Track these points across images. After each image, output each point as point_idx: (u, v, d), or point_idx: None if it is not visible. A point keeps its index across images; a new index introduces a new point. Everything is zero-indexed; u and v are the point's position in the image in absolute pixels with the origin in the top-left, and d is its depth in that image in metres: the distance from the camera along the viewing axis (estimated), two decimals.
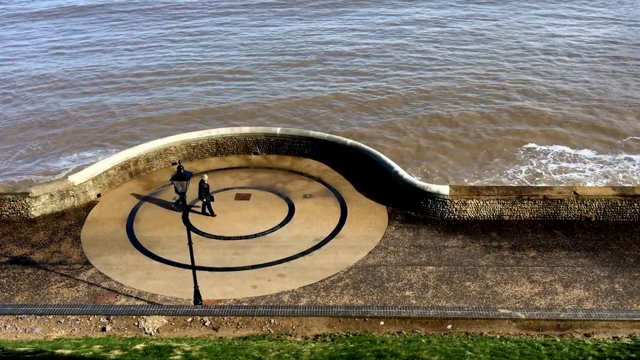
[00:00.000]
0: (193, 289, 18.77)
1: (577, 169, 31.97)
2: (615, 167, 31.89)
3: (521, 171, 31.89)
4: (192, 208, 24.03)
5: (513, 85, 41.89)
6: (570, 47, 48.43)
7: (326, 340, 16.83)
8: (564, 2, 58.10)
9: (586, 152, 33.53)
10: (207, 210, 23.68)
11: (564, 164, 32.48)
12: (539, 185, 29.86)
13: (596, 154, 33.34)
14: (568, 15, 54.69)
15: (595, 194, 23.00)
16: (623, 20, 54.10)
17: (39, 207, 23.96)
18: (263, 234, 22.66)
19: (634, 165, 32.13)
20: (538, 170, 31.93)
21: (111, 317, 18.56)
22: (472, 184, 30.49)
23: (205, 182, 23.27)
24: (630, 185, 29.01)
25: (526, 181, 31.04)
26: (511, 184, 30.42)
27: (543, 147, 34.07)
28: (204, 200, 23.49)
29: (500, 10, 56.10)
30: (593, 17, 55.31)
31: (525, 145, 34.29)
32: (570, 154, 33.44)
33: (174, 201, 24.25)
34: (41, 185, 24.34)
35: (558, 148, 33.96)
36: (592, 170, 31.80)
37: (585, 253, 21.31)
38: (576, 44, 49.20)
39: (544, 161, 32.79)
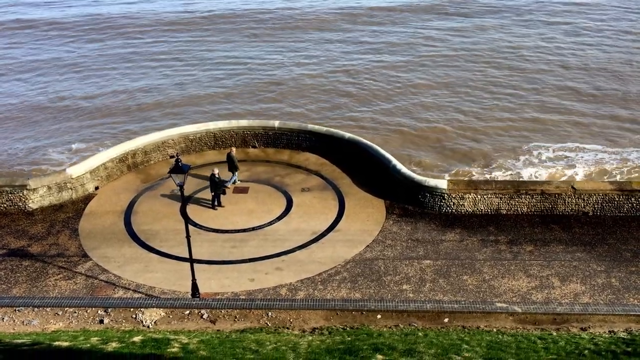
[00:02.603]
0: (191, 282, 18.80)
1: (578, 163, 31.92)
2: (617, 162, 31.84)
3: (520, 166, 31.81)
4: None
5: (519, 81, 41.75)
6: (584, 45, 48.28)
7: (323, 334, 16.88)
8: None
9: (591, 147, 33.43)
10: (216, 203, 23.75)
11: (566, 160, 32.41)
12: (537, 179, 29.85)
13: (601, 148, 33.25)
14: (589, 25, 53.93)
15: (592, 189, 23.03)
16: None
17: (37, 199, 23.93)
18: (261, 227, 22.67)
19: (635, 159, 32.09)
20: (537, 164, 31.87)
21: (109, 310, 18.60)
22: (470, 178, 30.47)
23: (217, 175, 23.26)
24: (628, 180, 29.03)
25: (513, 176, 31.02)
26: (509, 178, 30.40)
27: (547, 143, 33.91)
28: (215, 193, 23.56)
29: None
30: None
31: (529, 143, 34.05)
32: (572, 148, 33.36)
33: (223, 182, 24.64)
34: (39, 178, 24.31)
35: (562, 144, 33.84)
36: (594, 165, 31.72)
37: (582, 247, 21.37)
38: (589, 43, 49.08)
39: (545, 155, 32.71)
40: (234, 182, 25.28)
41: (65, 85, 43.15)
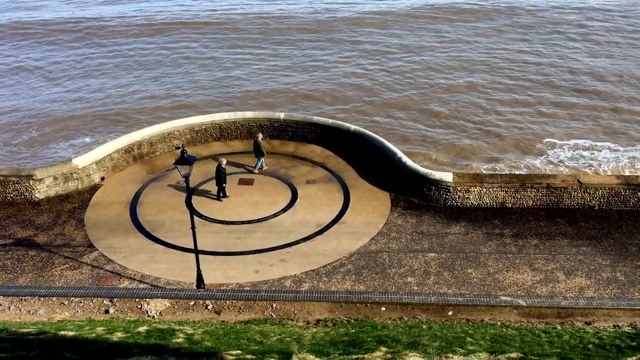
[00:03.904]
0: (196, 273, 18.86)
1: (590, 159, 31.67)
2: (631, 159, 31.57)
3: (538, 164, 31.49)
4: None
5: (533, 77, 41.42)
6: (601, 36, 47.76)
7: (327, 325, 16.93)
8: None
9: (603, 144, 33.14)
10: (221, 194, 23.79)
11: (577, 155, 32.17)
12: (543, 173, 29.72)
13: (614, 146, 32.93)
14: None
15: (599, 183, 22.93)
16: None
17: (43, 189, 24.03)
18: (266, 219, 22.70)
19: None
20: (551, 162, 31.63)
21: (114, 300, 18.70)
22: (476, 171, 30.37)
23: (223, 166, 23.30)
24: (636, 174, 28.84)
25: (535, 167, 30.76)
26: (516, 172, 30.26)
27: (561, 140, 33.57)
28: (222, 185, 23.63)
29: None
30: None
31: (544, 138, 33.76)
32: (587, 146, 33.03)
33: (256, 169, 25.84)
34: (45, 168, 24.39)
35: (575, 141, 33.51)
36: (607, 162, 31.43)
37: (588, 241, 21.30)
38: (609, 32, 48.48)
39: (559, 152, 32.43)
40: (261, 168, 25.68)
41: (69, 86, 43.10)
